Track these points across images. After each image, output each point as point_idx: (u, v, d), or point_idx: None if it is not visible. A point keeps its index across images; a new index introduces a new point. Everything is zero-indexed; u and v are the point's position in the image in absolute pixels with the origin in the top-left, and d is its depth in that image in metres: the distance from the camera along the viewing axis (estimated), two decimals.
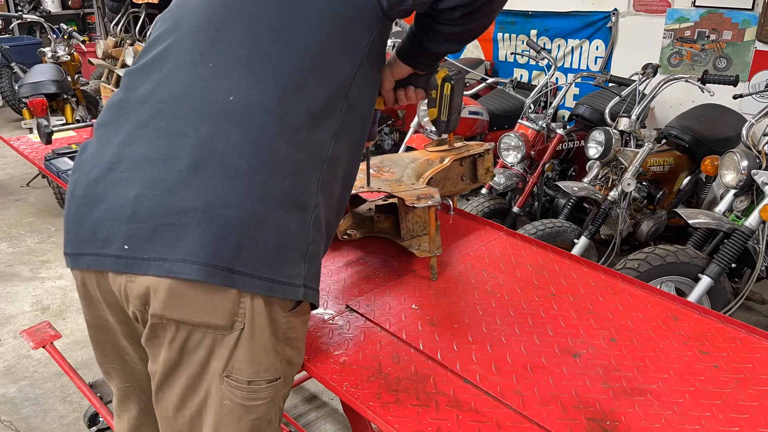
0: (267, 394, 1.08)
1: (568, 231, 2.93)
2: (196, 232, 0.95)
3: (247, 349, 1.03)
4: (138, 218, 0.97)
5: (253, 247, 0.97)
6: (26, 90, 4.47)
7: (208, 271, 0.95)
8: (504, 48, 5.13)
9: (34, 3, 7.99)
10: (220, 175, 0.97)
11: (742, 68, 3.85)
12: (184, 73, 1.05)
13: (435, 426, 1.04)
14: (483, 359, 1.21)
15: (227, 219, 0.96)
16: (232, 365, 1.04)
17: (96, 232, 1.01)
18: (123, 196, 0.99)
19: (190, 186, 0.97)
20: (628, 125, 2.97)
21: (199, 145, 0.98)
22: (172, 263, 0.96)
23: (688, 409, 1.09)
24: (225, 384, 1.05)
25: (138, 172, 0.99)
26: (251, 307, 1.00)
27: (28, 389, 2.52)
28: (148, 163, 0.99)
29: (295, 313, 1.07)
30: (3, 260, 3.65)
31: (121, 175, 1.00)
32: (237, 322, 1.01)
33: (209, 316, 1.00)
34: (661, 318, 1.36)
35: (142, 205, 0.97)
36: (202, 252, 0.95)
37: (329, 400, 2.46)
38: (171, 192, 0.97)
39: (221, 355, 1.03)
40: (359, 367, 1.19)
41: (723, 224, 2.52)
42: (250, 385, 1.05)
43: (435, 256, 1.50)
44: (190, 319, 1.00)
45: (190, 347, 1.04)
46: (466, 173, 1.82)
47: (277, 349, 1.07)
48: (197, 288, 0.97)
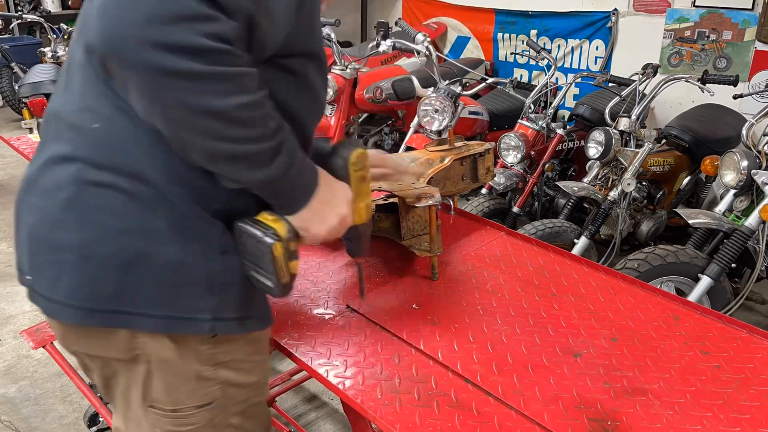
0: (199, 418, 1.02)
1: (568, 231, 2.93)
2: (73, 273, 0.91)
3: (160, 379, 0.98)
4: (32, 251, 0.96)
5: (139, 285, 0.91)
6: (26, 90, 4.47)
7: (83, 314, 0.91)
8: (504, 48, 5.14)
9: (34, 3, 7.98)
10: (95, 209, 0.90)
11: (742, 68, 3.85)
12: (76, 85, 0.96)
13: (435, 426, 1.04)
14: (484, 359, 1.21)
15: (104, 258, 0.90)
16: (151, 396, 1.00)
17: (18, 253, 1.01)
18: (27, 225, 0.97)
19: (68, 221, 0.91)
20: (628, 125, 2.97)
21: (75, 179, 0.91)
22: (52, 304, 0.93)
23: (690, 409, 1.08)
24: (150, 413, 1.02)
25: (37, 199, 0.96)
26: (152, 343, 0.95)
27: (28, 389, 2.52)
28: (43, 191, 0.95)
29: (222, 338, 1.00)
30: (3, 260, 3.65)
31: (29, 199, 0.98)
32: (139, 354, 0.96)
33: (107, 351, 0.97)
34: (662, 318, 1.36)
35: (34, 239, 0.95)
36: (78, 294, 0.91)
37: (329, 400, 2.46)
38: (53, 227, 0.92)
39: (137, 386, 1.00)
40: (359, 367, 1.18)
41: (723, 224, 2.52)
42: (175, 412, 1.01)
43: (436, 256, 1.50)
44: (91, 352, 0.99)
45: (109, 376, 1.03)
46: (467, 173, 1.82)
47: (202, 374, 1.00)
48: (84, 330, 0.95)
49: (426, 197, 1.48)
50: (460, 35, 5.44)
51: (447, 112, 3.43)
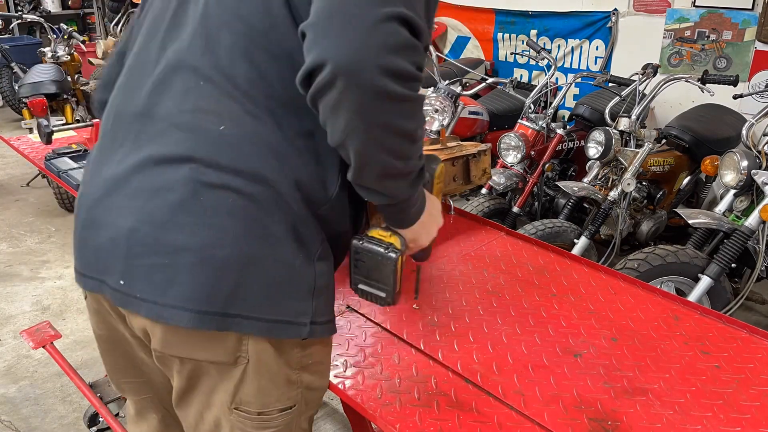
0: (281, 422, 1.04)
1: (568, 231, 2.93)
2: (188, 275, 0.90)
3: (253, 382, 0.99)
4: (132, 254, 0.93)
5: (251, 289, 0.92)
6: (26, 90, 4.47)
7: (199, 318, 0.91)
8: (504, 48, 5.13)
9: (34, 3, 7.98)
10: (213, 210, 0.90)
11: (742, 68, 3.85)
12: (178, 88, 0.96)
13: (436, 426, 1.04)
14: (484, 359, 1.21)
15: (221, 260, 0.90)
16: (239, 398, 1.01)
17: (97, 258, 0.99)
18: (118, 228, 0.94)
19: (181, 223, 0.90)
20: (628, 125, 2.97)
21: (192, 180, 0.90)
22: (162, 308, 0.92)
23: (690, 409, 1.08)
24: (234, 415, 1.02)
25: (132, 201, 0.94)
26: (255, 345, 0.97)
27: (28, 389, 2.52)
28: (141, 192, 0.93)
29: (311, 341, 1.03)
30: (3, 260, 3.65)
31: (117, 201, 0.96)
32: (241, 357, 0.97)
33: (210, 354, 0.97)
34: (662, 318, 1.36)
35: (136, 241, 0.92)
36: (194, 297, 0.90)
37: (329, 400, 2.45)
38: (163, 228, 0.91)
39: (227, 388, 1.00)
40: (360, 367, 1.18)
41: (723, 224, 2.52)
42: (260, 415, 1.02)
43: None
44: (191, 356, 0.98)
45: (196, 378, 1.02)
46: (459, 174, 1.81)
47: (290, 378, 1.03)
48: (194, 333, 0.94)
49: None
50: (460, 35, 5.44)
51: (447, 112, 3.43)
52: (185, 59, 0.96)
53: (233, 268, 0.91)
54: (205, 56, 0.95)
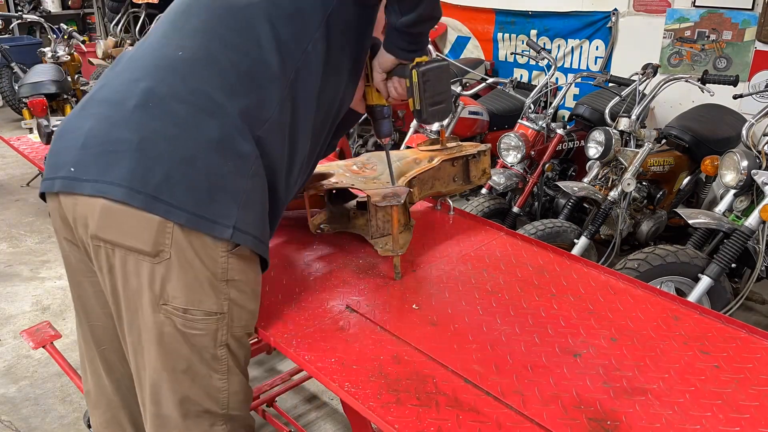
0: (205, 326, 1.14)
1: (568, 231, 2.94)
2: (128, 160, 1.05)
3: (179, 278, 1.10)
4: (86, 146, 1.09)
5: (180, 181, 1.06)
6: (26, 90, 4.48)
7: (131, 194, 1.04)
8: (504, 48, 5.14)
9: (34, 3, 7.98)
10: (159, 115, 1.08)
11: (742, 68, 3.85)
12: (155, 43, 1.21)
13: (435, 426, 1.04)
14: (483, 359, 1.21)
15: (157, 152, 1.06)
16: (166, 293, 1.10)
17: (57, 160, 1.15)
18: (80, 128, 1.12)
19: (130, 121, 1.08)
20: (628, 125, 2.97)
21: (147, 90, 1.10)
22: (102, 184, 1.06)
23: (689, 409, 1.08)
24: (162, 312, 1.12)
25: (97, 110, 1.13)
26: (179, 238, 1.07)
27: (28, 389, 2.52)
28: (106, 103, 1.13)
29: (236, 255, 1.13)
30: (3, 260, 3.65)
31: (85, 112, 1.15)
32: (163, 251, 1.08)
33: (136, 241, 1.07)
34: (661, 318, 1.36)
35: (91, 135, 1.10)
36: (129, 177, 1.05)
37: (329, 400, 2.46)
38: (115, 125, 1.09)
39: (153, 283, 1.10)
40: (359, 367, 1.19)
41: (723, 224, 2.52)
42: (185, 313, 1.12)
43: (398, 256, 1.50)
44: (120, 241, 1.09)
45: (125, 272, 1.11)
46: (458, 174, 1.82)
47: (214, 284, 1.13)
48: (125, 212, 1.06)
49: (390, 197, 1.48)
50: (460, 35, 5.44)
51: None
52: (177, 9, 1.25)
53: (165, 161, 1.06)
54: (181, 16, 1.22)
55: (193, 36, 1.17)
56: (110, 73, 1.22)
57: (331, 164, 1.83)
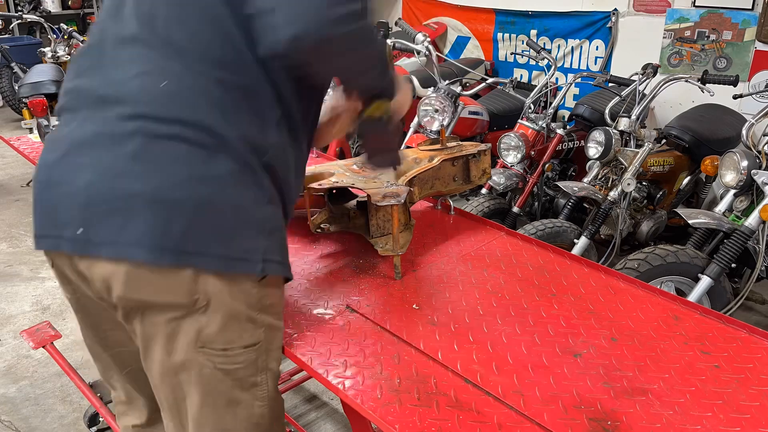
0: (246, 358, 1.12)
1: (568, 231, 2.93)
2: (144, 216, 0.98)
3: (215, 322, 1.06)
4: (90, 204, 1.00)
5: (203, 226, 1.01)
6: (26, 90, 4.48)
7: (156, 253, 0.99)
8: (504, 48, 5.14)
9: (34, 3, 7.98)
10: (163, 160, 1.00)
11: (742, 68, 3.85)
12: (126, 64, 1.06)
13: (436, 426, 1.04)
14: (483, 359, 1.21)
15: (173, 200, 0.99)
16: (203, 338, 1.07)
17: (55, 215, 1.05)
18: (77, 182, 1.02)
19: (134, 172, 0.99)
20: (628, 125, 2.97)
21: (141, 132, 1.00)
22: (122, 246, 0.99)
23: (689, 409, 1.08)
24: (200, 353, 1.09)
25: (88, 157, 1.02)
26: (213, 283, 1.04)
27: (28, 389, 2.52)
28: (97, 148, 1.02)
29: (266, 283, 1.11)
30: (3, 260, 3.65)
31: (75, 159, 1.03)
32: (198, 299, 1.04)
33: (169, 296, 1.03)
34: (661, 318, 1.36)
35: (93, 191, 1.00)
36: (150, 234, 0.98)
37: (329, 400, 2.46)
38: (118, 178, 0.99)
39: (190, 329, 1.06)
40: (359, 367, 1.18)
41: (723, 224, 2.52)
42: (225, 351, 1.10)
43: (398, 256, 1.50)
44: (152, 299, 1.04)
45: (159, 323, 1.07)
46: (459, 174, 1.82)
47: (252, 317, 1.11)
48: (152, 270, 1.01)
49: (390, 196, 1.48)
50: (460, 35, 5.44)
51: (447, 112, 3.43)
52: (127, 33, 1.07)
53: (184, 209, 1.00)
54: (145, 27, 1.06)
55: (170, 56, 1.04)
56: (80, 100, 1.08)
57: (331, 164, 1.83)
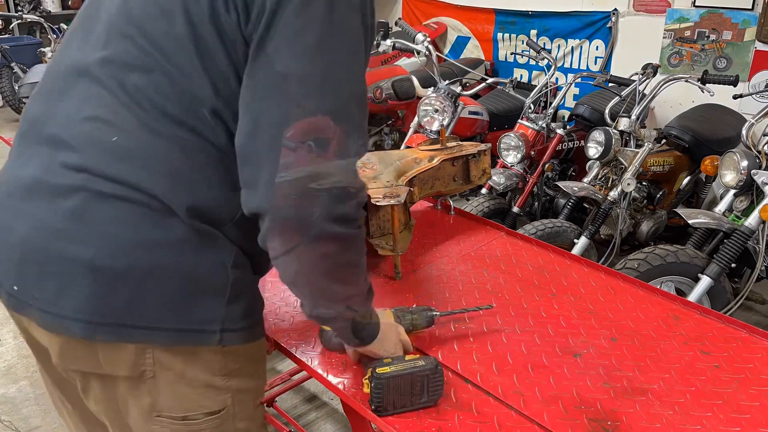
0: (209, 425, 1.01)
1: (568, 231, 2.93)
2: (81, 285, 0.88)
3: (168, 391, 0.96)
4: (25, 261, 0.91)
5: (150, 298, 0.90)
6: (26, 90, 4.48)
7: (92, 328, 0.89)
8: (504, 48, 5.13)
9: (34, 3, 7.98)
10: (105, 221, 0.88)
11: (742, 68, 3.85)
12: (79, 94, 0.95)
13: (435, 426, 1.04)
14: (483, 359, 1.21)
15: (118, 270, 0.88)
16: (159, 406, 0.98)
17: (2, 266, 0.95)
18: (14, 234, 0.92)
19: (73, 233, 0.88)
20: (628, 125, 2.97)
21: (82, 187, 0.88)
22: (55, 318, 0.90)
23: (689, 409, 1.08)
24: (157, 423, 0.99)
25: (27, 205, 0.92)
26: (161, 357, 0.94)
27: (28, 389, 2.52)
28: (36, 196, 0.91)
29: (231, 349, 0.99)
30: None
31: (13, 204, 0.94)
32: (146, 371, 0.94)
33: (112, 368, 0.94)
34: (661, 318, 1.36)
35: (28, 248, 0.91)
36: (87, 308, 0.88)
37: (329, 400, 2.45)
38: (55, 238, 0.89)
39: (140, 401, 0.97)
40: (359, 366, 1.18)
41: (723, 224, 2.52)
42: (185, 420, 0.99)
43: (398, 255, 1.50)
44: (93, 370, 0.95)
45: (106, 396, 0.98)
46: (459, 174, 1.82)
47: (214, 384, 1.00)
48: (90, 346, 0.91)
49: (390, 196, 1.48)
50: (460, 35, 5.44)
51: (447, 112, 3.43)
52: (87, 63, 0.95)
53: (129, 278, 0.88)
54: (104, 66, 0.93)
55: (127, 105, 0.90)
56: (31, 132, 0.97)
57: None
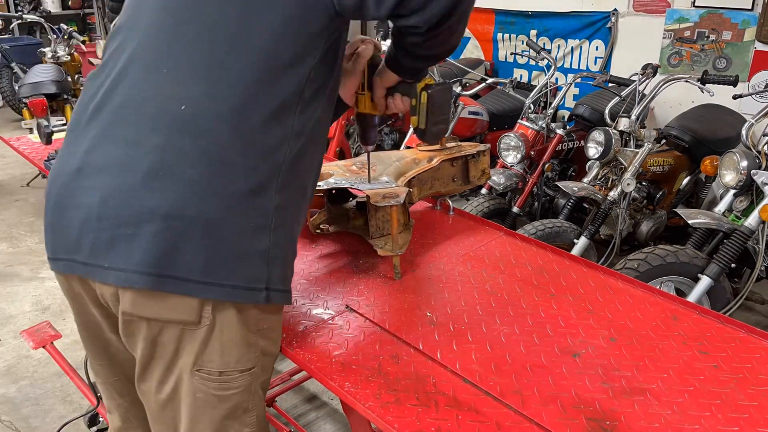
0: (240, 383, 1.11)
1: (567, 231, 2.94)
2: (150, 242, 0.98)
3: (216, 342, 1.06)
4: (99, 228, 1.01)
5: (209, 255, 1.00)
6: (26, 90, 4.48)
7: (161, 281, 0.99)
8: (504, 48, 5.14)
9: (34, 3, 7.98)
10: (172, 185, 0.99)
11: (742, 68, 3.85)
12: (140, 77, 1.06)
13: (435, 426, 1.04)
14: (482, 359, 1.21)
15: (180, 228, 0.99)
16: (202, 359, 1.07)
17: (67, 238, 1.06)
18: (87, 205, 1.02)
19: (144, 196, 0.99)
20: (627, 125, 2.97)
21: (152, 156, 1.00)
22: (128, 273, 1.00)
23: (688, 409, 1.09)
24: (196, 377, 1.08)
25: (98, 181, 1.02)
26: (217, 307, 1.04)
27: (28, 389, 2.52)
28: (107, 172, 1.02)
29: (266, 307, 1.10)
30: (3, 260, 3.65)
31: (85, 183, 1.04)
32: (204, 318, 1.04)
33: (176, 314, 1.03)
34: (660, 318, 1.36)
35: (103, 215, 1.01)
36: (155, 262, 0.98)
37: (329, 400, 2.46)
38: (127, 202, 0.99)
39: (191, 350, 1.06)
40: (359, 367, 1.19)
41: (723, 224, 2.52)
42: (221, 375, 1.09)
43: (398, 256, 1.50)
44: (159, 316, 1.04)
45: (161, 341, 1.07)
46: (458, 174, 1.82)
47: (249, 340, 1.10)
48: (157, 296, 1.01)
49: (390, 197, 1.48)
50: None
51: None
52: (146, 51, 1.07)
53: (192, 236, 0.99)
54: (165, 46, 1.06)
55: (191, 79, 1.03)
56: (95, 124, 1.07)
57: (331, 164, 1.83)
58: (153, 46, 1.07)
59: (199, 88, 1.02)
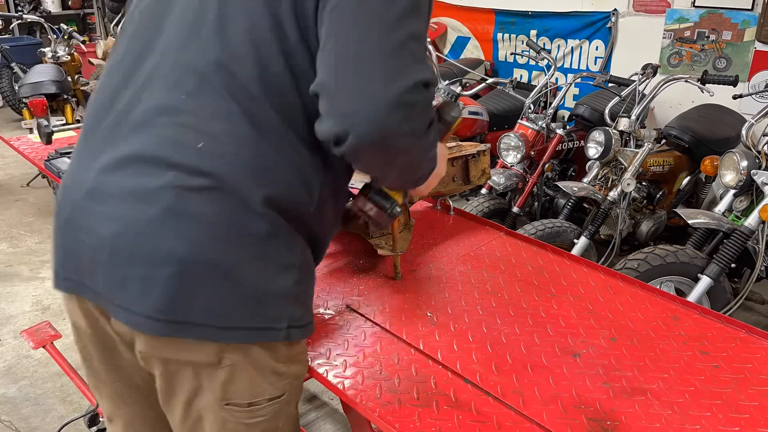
0: (269, 410, 1.08)
1: (567, 231, 2.93)
2: (164, 287, 0.92)
3: (241, 378, 1.02)
4: (112, 263, 0.95)
5: (227, 299, 0.95)
6: (26, 90, 4.48)
7: (177, 327, 0.94)
8: (504, 48, 5.13)
9: (34, 3, 7.98)
10: (191, 225, 0.93)
11: (742, 68, 3.85)
12: (163, 96, 0.98)
13: (435, 426, 1.04)
14: (483, 359, 1.21)
15: (197, 272, 0.93)
16: (229, 395, 1.03)
17: (77, 261, 1.02)
18: (99, 235, 0.96)
19: (160, 235, 0.93)
20: (627, 125, 2.97)
21: (168, 193, 0.93)
22: (139, 317, 0.95)
23: (688, 409, 1.09)
24: (225, 411, 1.05)
25: (113, 208, 0.96)
26: (236, 348, 0.99)
27: (28, 389, 2.52)
28: (122, 200, 0.95)
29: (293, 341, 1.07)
30: (3, 260, 3.65)
31: (98, 207, 0.97)
32: (225, 358, 0.99)
33: (194, 356, 0.99)
34: (661, 318, 1.36)
35: (115, 251, 0.95)
36: (171, 308, 0.93)
37: (329, 400, 2.46)
38: (143, 239, 0.93)
39: (214, 387, 1.02)
40: (359, 367, 1.19)
41: (723, 224, 2.52)
42: (250, 406, 1.05)
43: (398, 256, 1.50)
44: (176, 357, 1.00)
45: (181, 380, 1.03)
46: (458, 174, 1.82)
47: (279, 371, 1.06)
48: (172, 341, 0.97)
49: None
50: (460, 35, 5.44)
51: None
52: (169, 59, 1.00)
53: (209, 281, 0.93)
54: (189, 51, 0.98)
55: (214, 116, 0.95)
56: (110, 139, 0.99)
57: None
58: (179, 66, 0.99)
59: (220, 126, 0.95)
